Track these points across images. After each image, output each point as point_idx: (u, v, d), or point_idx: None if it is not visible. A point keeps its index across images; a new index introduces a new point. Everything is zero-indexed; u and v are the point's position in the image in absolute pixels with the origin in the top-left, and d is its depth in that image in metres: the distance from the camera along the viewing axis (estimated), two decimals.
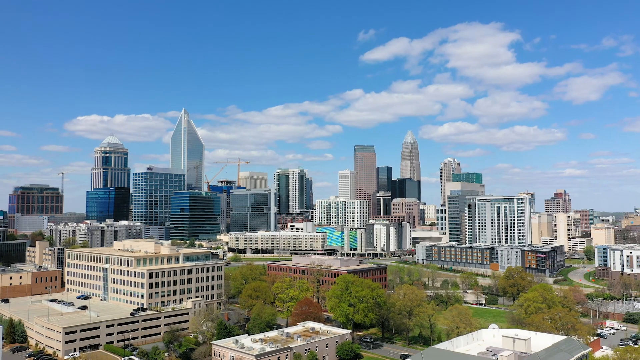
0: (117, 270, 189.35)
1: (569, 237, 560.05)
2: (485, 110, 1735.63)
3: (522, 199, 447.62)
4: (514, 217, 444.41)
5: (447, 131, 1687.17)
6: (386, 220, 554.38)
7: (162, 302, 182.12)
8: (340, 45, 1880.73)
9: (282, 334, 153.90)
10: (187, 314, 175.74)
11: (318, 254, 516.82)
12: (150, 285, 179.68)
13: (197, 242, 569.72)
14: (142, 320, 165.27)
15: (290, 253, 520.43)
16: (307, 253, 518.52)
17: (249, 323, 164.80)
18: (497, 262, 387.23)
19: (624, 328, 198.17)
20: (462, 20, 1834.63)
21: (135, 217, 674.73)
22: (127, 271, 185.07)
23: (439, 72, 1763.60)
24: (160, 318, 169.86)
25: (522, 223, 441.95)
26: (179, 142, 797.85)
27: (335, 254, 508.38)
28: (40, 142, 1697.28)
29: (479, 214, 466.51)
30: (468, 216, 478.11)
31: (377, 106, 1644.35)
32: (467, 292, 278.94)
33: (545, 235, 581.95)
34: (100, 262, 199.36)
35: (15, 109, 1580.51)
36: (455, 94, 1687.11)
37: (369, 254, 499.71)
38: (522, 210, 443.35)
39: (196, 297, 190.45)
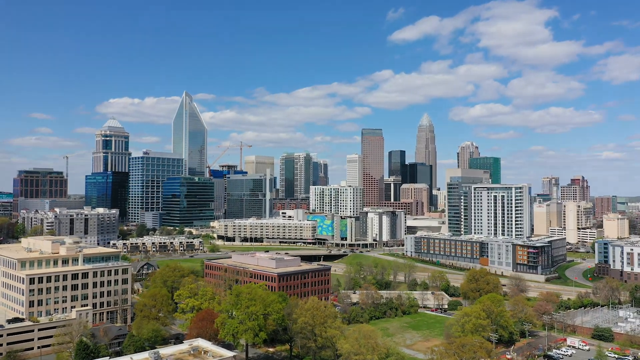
0: (4, 273, 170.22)
1: (578, 228, 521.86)
2: (519, 91, 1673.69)
3: (520, 187, 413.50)
4: (511, 207, 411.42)
5: (479, 113, 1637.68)
6: (380, 208, 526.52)
7: (47, 311, 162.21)
8: (368, 24, 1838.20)
9: (153, 356, 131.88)
10: (71, 325, 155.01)
11: (308, 243, 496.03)
12: (32, 292, 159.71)
13: (186, 230, 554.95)
14: (8, 334, 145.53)
15: (280, 242, 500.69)
16: (296, 242, 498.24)
17: (126, 341, 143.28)
18: (487, 256, 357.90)
19: (587, 348, 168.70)
20: None
21: (132, 202, 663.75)
22: (11, 274, 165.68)
23: (471, 52, 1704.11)
24: (33, 331, 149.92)
25: (520, 214, 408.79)
26: (180, 125, 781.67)
27: (325, 243, 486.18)
28: (74, 124, 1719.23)
29: (475, 203, 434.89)
30: (464, 206, 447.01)
31: (407, 87, 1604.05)
32: (434, 294, 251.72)
33: (555, 225, 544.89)
34: None
35: (49, 91, 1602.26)
36: (488, 74, 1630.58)
37: (358, 244, 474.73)
38: (520, 200, 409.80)
39: (94, 306, 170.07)
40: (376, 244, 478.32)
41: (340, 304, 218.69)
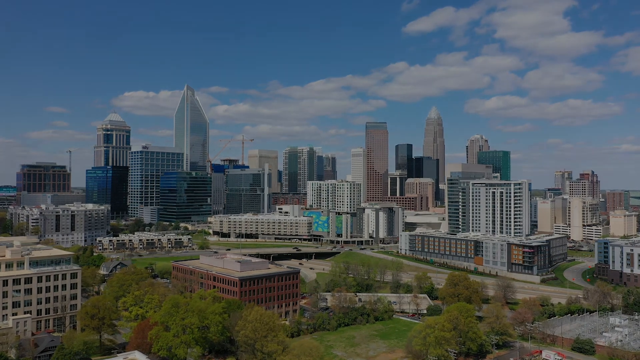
0: None
1: (584, 225, 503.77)
2: (536, 83, 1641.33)
3: (519, 183, 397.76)
4: (510, 204, 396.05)
5: (495, 105, 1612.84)
6: (378, 203, 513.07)
7: None
8: (383, 16, 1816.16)
9: None
10: (6, 335, 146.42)
11: (303, 239, 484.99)
12: None
13: (182, 225, 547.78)
14: None
15: (275, 238, 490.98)
16: (291, 238, 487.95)
17: (55, 353, 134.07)
18: (482, 255, 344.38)
19: None
20: None
21: (132, 196, 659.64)
22: None
23: (486, 43, 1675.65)
24: None
25: (519, 211, 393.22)
26: (182, 119, 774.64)
27: (321, 240, 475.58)
28: (90, 118, 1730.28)
29: (473, 200, 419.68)
30: (462, 202, 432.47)
31: (422, 80, 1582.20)
32: (417, 297, 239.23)
33: (560, 222, 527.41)
34: None
35: (66, 85, 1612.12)
36: (504, 66, 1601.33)
37: (354, 241, 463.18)
38: (519, 196, 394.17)
39: (39, 313, 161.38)
40: (372, 241, 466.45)
41: (311, 309, 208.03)
